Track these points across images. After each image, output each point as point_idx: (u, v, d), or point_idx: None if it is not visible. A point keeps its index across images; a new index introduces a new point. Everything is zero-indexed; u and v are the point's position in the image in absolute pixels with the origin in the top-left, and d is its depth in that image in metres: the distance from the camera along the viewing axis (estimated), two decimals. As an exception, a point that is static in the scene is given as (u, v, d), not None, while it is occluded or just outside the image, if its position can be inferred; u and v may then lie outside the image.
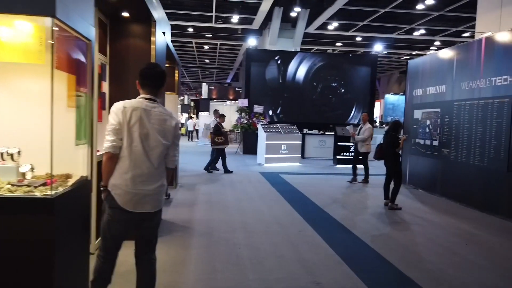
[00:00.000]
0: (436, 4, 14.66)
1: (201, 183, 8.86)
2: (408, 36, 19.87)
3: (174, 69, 7.73)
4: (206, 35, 21.50)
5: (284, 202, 7.15)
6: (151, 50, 4.61)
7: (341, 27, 18.54)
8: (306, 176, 10.41)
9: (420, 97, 9.02)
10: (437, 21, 17.25)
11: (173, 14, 17.65)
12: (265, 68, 16.98)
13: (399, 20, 17.53)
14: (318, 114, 17.19)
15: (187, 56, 29.41)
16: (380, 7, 15.53)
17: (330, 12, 15.66)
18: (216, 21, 18.30)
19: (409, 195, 8.27)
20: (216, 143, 10.28)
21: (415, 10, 15.53)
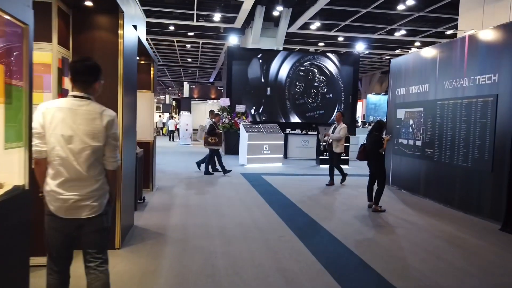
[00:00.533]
0: (417, 4, 14.72)
1: (180, 185, 8.49)
2: (389, 36, 19.96)
3: (150, 66, 7.34)
4: (188, 33, 21.07)
5: (265, 204, 6.85)
6: (118, 44, 4.22)
7: (323, 27, 18.48)
8: (288, 177, 10.15)
9: (403, 97, 8.85)
10: (417, 21, 17.36)
11: (154, 12, 17.23)
12: (247, 67, 16.68)
13: (380, 21, 17.61)
14: (301, 114, 17.00)
15: (169, 55, 28.87)
16: (361, 7, 15.49)
17: (313, 11, 15.57)
18: (197, 19, 17.96)
19: (393, 196, 8.08)
20: (209, 143, 9.98)
21: (396, 10, 15.57)
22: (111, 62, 4.24)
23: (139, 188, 6.30)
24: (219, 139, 10.07)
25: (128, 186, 4.80)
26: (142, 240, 4.69)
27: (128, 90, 4.60)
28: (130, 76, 4.76)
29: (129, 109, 4.77)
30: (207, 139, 9.97)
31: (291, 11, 16.47)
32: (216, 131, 10.06)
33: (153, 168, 7.48)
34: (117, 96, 4.26)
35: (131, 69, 4.85)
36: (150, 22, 18.33)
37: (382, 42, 21.33)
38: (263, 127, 12.47)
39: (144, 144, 7.26)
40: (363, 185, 8.26)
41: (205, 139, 10.02)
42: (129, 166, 4.80)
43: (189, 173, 10.30)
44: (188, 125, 19.26)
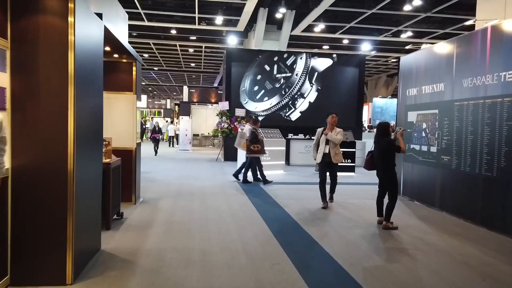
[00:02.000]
0: (423, 5, 13.92)
1: (168, 196, 7.60)
2: (395, 38, 19.14)
3: (131, 65, 6.49)
4: (190, 37, 20.45)
5: (260, 220, 5.93)
6: (68, 34, 3.36)
7: (327, 29, 17.74)
8: (288, 186, 9.21)
9: (415, 97, 7.90)
10: (424, 23, 16.59)
11: (155, 15, 16.61)
12: (246, 69, 15.81)
13: (386, 22, 16.83)
14: (303, 118, 16.00)
15: (172, 60, 28.24)
16: (366, 8, 14.72)
17: (316, 13, 14.84)
18: (199, 23, 17.32)
19: (405, 209, 7.12)
20: (252, 151, 9.16)
21: (402, 11, 14.78)
22: (59, 57, 3.38)
23: (114, 203, 5.43)
24: (262, 147, 9.30)
25: (87, 203, 3.92)
26: (104, 271, 3.81)
27: (85, 90, 3.74)
28: (90, 75, 3.90)
29: (89, 113, 3.90)
30: (249, 146, 9.15)
31: (294, 13, 15.79)
32: (258, 137, 9.29)
33: (135, 179, 6.62)
34: (66, 97, 3.39)
35: (92, 66, 3.99)
36: (152, 26, 17.79)
37: (388, 44, 20.56)
38: (264, 132, 11.54)
39: (124, 152, 6.41)
40: (371, 195, 7.34)
41: (247, 147, 9.19)
42: (88, 180, 3.93)
43: (181, 182, 9.42)
44: (188, 130, 18.40)
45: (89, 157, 3.91)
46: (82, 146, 3.66)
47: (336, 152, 6.89)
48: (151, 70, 32.18)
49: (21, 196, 3.40)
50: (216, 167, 12.53)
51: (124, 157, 6.35)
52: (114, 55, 6.21)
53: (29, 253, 3.43)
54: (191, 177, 10.22)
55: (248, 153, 9.25)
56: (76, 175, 3.48)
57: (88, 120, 3.87)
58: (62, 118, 3.40)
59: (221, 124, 14.20)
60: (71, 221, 3.46)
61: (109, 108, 6.42)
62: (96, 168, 4.22)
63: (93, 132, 4.06)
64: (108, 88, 6.40)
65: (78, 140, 3.50)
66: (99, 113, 4.29)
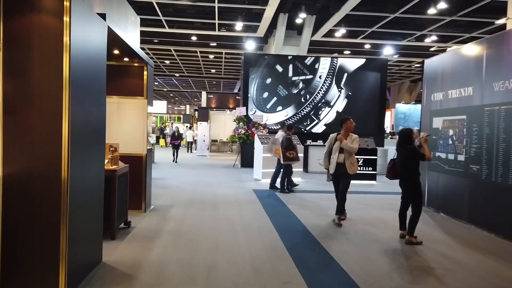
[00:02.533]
0: (448, 8, 13.28)
1: (180, 204, 7.34)
2: (419, 43, 18.44)
3: (142, 69, 6.28)
4: (211, 43, 20.40)
5: (273, 232, 5.57)
6: (63, 35, 3.14)
7: (348, 34, 17.24)
8: (305, 195, 8.80)
9: (440, 103, 7.39)
10: (449, 27, 15.97)
11: (176, 22, 16.66)
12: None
13: (409, 26, 16.26)
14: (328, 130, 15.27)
15: (193, 66, 28.34)
16: (389, 12, 14.19)
17: (337, 18, 14.45)
18: (219, 29, 17.23)
19: (429, 221, 6.59)
20: (287, 158, 8.85)
21: (426, 15, 14.17)
22: (53, 59, 3.16)
23: (121, 212, 5.19)
24: (297, 154, 9.05)
25: (85, 213, 3.67)
26: (101, 287, 3.53)
27: (83, 95, 3.50)
28: (89, 78, 3.66)
29: (88, 118, 3.66)
30: (285, 153, 8.81)
31: (315, 18, 15.45)
32: (293, 144, 9.02)
33: (145, 186, 6.38)
34: (60, 101, 3.16)
35: (93, 69, 3.76)
36: (173, 32, 17.89)
37: (411, 49, 19.85)
38: (280, 138, 11.19)
39: (134, 158, 6.19)
40: (394, 206, 6.88)
41: (283, 153, 8.84)
42: (87, 188, 3.68)
43: (194, 189, 9.16)
44: (205, 135, 18.22)
45: (87, 164, 3.66)
46: (79, 152, 3.42)
47: (352, 162, 6.07)
48: (173, 76, 32.41)
49: (12, 206, 3.18)
50: (232, 173, 12.24)
51: (134, 163, 6.14)
52: (124, 58, 6.01)
53: (20, 266, 3.19)
54: (206, 184, 9.95)
55: (284, 160, 8.84)
56: (71, 183, 3.23)
57: (87, 125, 3.63)
58: (56, 123, 3.17)
59: (238, 129, 13.93)
60: (64, 232, 3.21)
61: (119, 113, 6.24)
62: (97, 175, 3.97)
63: (92, 138, 3.82)
64: (118, 92, 6.23)
65: (74, 147, 3.26)
66: (101, 118, 4.05)
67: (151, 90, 6.58)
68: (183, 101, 46.74)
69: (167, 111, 31.79)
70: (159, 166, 13.86)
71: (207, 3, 13.79)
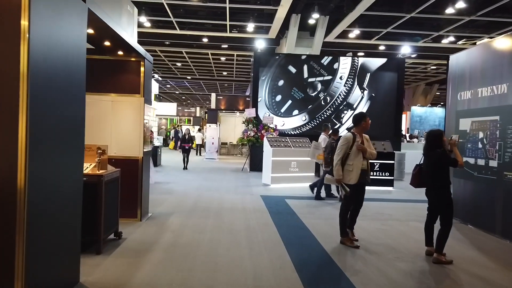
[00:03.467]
0: (467, 8, 12.61)
1: (182, 211, 6.70)
2: (435, 44, 17.61)
3: (139, 64, 5.68)
4: (222, 45, 19.93)
5: (280, 245, 4.88)
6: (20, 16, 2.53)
7: (362, 35, 16.60)
8: (317, 202, 8.07)
9: (468, 102, 6.60)
10: (467, 27, 15.23)
11: (187, 24, 16.30)
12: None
13: (425, 27, 15.52)
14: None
15: (205, 68, 27.94)
16: (404, 12, 13.47)
17: (351, 18, 13.83)
18: (231, 31, 16.77)
19: (457, 234, 5.80)
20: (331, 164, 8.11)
21: (444, 15, 13.44)
22: (7, 46, 2.56)
23: (110, 222, 4.58)
24: None
25: (55, 226, 3.05)
26: (71, 317, 2.90)
27: (51, 91, 2.89)
28: (60, 71, 3.04)
29: (58, 118, 3.05)
30: (327, 159, 7.90)
31: (328, 19, 14.82)
32: None
33: (142, 192, 5.76)
34: (16, 98, 2.55)
35: (65, 61, 3.14)
36: (184, 34, 17.49)
37: (427, 50, 18.89)
38: (291, 141, 10.50)
39: (129, 161, 5.58)
40: (416, 216, 6.17)
41: (325, 159, 8.02)
42: (56, 197, 3.06)
43: (199, 194, 8.52)
44: (214, 138, 17.58)
45: (57, 168, 3.05)
46: (44, 157, 2.81)
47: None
48: (184, 79, 32.08)
49: (-42, 220, 2.57)
50: (240, 178, 11.58)
51: (129, 167, 5.54)
52: (117, 52, 5.43)
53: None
54: (212, 189, 9.31)
55: (326, 167, 7.97)
56: (30, 191, 2.62)
57: (56, 126, 3.01)
58: (11, 124, 2.55)
59: (247, 132, 13.27)
60: (21, 248, 2.60)
61: (113, 112, 5.65)
62: (72, 181, 3.35)
63: (65, 139, 3.20)
64: (112, 90, 5.66)
65: (35, 151, 2.65)
66: (77, 116, 3.43)
67: (149, 87, 5.97)
68: (194, 104, 46.39)
69: (177, 113, 31.38)
70: (165, 170, 13.28)
71: (218, 4, 13.35)
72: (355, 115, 5.24)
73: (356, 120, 5.15)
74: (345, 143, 4.97)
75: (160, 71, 29.09)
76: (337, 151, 4.99)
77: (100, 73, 5.59)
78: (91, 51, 5.38)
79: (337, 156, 4.97)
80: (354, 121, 5.23)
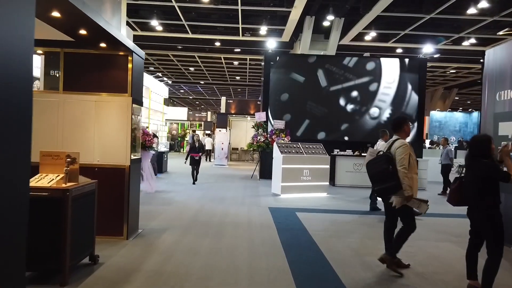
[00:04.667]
0: (489, 8, 11.59)
1: (178, 227, 5.84)
2: (456, 46, 16.53)
3: (126, 58, 4.88)
4: (235, 49, 19.30)
5: (287, 276, 3.95)
6: None
7: (379, 37, 15.74)
8: (333, 216, 7.09)
9: (510, 103, 5.55)
10: (490, 28, 14.11)
11: (199, 27, 15.72)
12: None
13: (445, 29, 14.56)
14: (353, 130, 13.23)
15: (217, 73, 27.34)
16: (424, 13, 12.55)
17: (367, 20, 13.01)
18: (243, 34, 16.11)
19: (505, 263, 4.74)
20: None
21: (465, 15, 12.43)
22: None
23: (83, 244, 3.75)
24: None
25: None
26: None
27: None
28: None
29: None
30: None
31: (343, 21, 14.04)
32: None
33: (129, 206, 4.92)
34: None
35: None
36: (196, 38, 16.99)
37: (446, 53, 17.90)
38: (303, 147, 9.55)
39: (114, 171, 4.76)
40: (446, 235, 5.18)
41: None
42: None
43: (201, 206, 7.64)
44: (224, 143, 16.69)
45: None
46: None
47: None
48: (198, 83, 31.58)
49: None
50: (249, 186, 10.67)
51: (113, 177, 4.73)
52: (99, 44, 4.62)
53: None
54: (216, 199, 8.43)
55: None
56: None
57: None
58: None
59: (257, 137, 12.38)
60: None
61: (96, 114, 4.85)
62: (11, 199, 2.52)
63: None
64: (96, 88, 4.86)
65: None
66: (20, 120, 2.60)
67: (139, 86, 5.16)
68: (208, 109, 45.82)
69: (187, 118, 30.87)
70: (170, 177, 12.43)
71: (230, 6, 12.74)
72: (395, 119, 4.44)
73: (397, 125, 4.34)
74: (408, 151, 4.07)
75: (173, 76, 28.67)
76: (401, 161, 4.03)
77: (81, 70, 4.83)
78: (71, 44, 4.62)
79: (405, 166, 4.01)
80: (394, 126, 4.37)
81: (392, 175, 4.01)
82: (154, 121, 16.03)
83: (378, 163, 4.14)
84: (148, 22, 14.37)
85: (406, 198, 3.97)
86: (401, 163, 4.00)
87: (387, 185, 4.04)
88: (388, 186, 4.05)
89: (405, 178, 3.94)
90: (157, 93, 15.61)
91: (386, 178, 4.05)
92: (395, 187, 3.98)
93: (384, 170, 4.07)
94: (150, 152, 8.67)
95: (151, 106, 14.74)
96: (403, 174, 3.95)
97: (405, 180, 3.93)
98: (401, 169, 3.97)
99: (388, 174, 4.03)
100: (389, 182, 4.02)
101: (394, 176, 4.00)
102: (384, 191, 4.19)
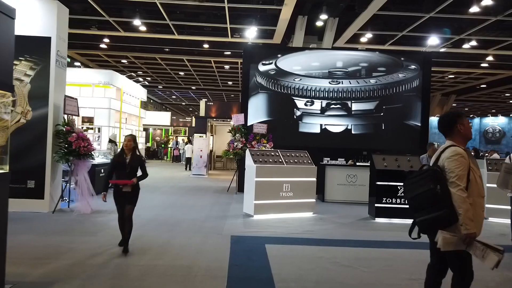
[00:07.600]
0: (493, 7, 10.47)
1: (79, 275, 3.67)
2: (455, 49, 15.14)
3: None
4: (225, 52, 17.81)
5: None
6: None
7: (375, 39, 14.49)
8: (317, 251, 4.91)
9: None
10: (492, 30, 12.97)
11: (185, 28, 14.28)
12: None
13: (445, 30, 13.33)
14: (346, 136, 11.07)
15: (209, 78, 25.55)
16: (423, 12, 11.36)
17: (363, 19, 11.80)
18: (232, 35, 14.65)
19: None
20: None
21: (467, 14, 11.10)
22: None
23: None
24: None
25: None
26: None
27: None
28: None
29: None
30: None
31: (337, 21, 12.88)
32: None
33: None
34: None
35: None
36: (183, 40, 15.58)
37: (445, 57, 16.48)
38: (284, 155, 7.36)
39: None
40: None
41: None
42: None
43: (141, 233, 5.48)
44: (203, 151, 14.37)
45: None
46: None
47: None
48: (189, 89, 29.88)
49: None
50: (220, 203, 8.39)
51: None
52: None
53: None
54: (168, 223, 6.21)
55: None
56: None
57: None
58: None
59: (233, 143, 10.23)
60: None
61: None
62: None
63: None
64: None
65: None
66: None
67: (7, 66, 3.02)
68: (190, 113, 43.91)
69: (171, 123, 28.97)
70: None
71: (216, 3, 11.25)
72: (443, 119, 2.87)
73: (447, 125, 2.79)
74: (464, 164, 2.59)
75: (163, 81, 26.94)
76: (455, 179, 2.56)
77: None
78: None
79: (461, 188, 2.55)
80: (443, 127, 2.83)
81: (442, 200, 2.55)
82: (129, 126, 13.96)
83: (419, 182, 2.67)
84: (130, 22, 12.76)
85: (464, 237, 2.47)
86: (455, 182, 2.53)
87: (432, 215, 2.59)
88: (434, 217, 2.57)
89: (463, 204, 2.48)
90: (131, 95, 13.49)
91: (431, 204, 2.58)
92: (446, 219, 2.54)
93: (428, 192, 2.61)
94: (87, 162, 6.54)
95: (123, 109, 12.64)
96: (459, 199, 2.49)
97: (462, 208, 2.47)
98: (456, 192, 2.51)
99: (435, 198, 2.58)
100: (437, 211, 2.57)
101: (445, 202, 2.53)
102: (429, 223, 2.64)
